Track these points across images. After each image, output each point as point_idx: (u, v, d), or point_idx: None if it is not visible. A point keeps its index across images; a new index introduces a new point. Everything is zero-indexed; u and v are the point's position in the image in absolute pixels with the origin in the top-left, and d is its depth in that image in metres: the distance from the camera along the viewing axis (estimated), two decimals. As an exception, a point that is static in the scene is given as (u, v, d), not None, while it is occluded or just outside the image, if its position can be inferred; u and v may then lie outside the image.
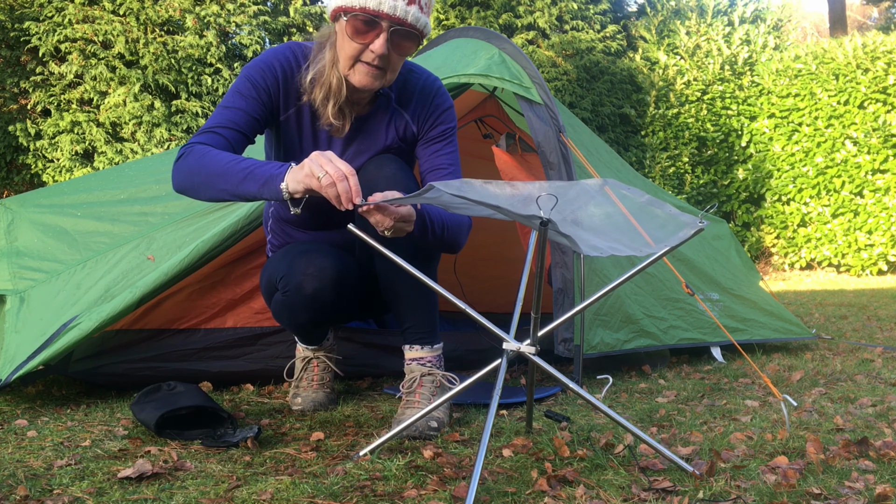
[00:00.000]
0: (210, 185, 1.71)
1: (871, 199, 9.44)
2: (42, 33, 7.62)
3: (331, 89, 1.86)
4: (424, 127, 2.00)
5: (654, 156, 10.41)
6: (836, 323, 4.63)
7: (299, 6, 8.91)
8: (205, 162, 1.72)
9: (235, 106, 1.84)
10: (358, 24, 1.77)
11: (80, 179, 3.47)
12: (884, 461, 1.63)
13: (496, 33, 3.00)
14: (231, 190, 1.69)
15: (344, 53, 1.82)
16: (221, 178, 1.69)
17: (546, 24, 10.15)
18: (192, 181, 1.74)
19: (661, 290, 2.97)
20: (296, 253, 1.98)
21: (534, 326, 1.60)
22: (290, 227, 2.11)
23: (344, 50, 1.82)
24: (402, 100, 1.99)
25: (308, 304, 1.95)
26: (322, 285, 1.92)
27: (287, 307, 1.99)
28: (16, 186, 7.66)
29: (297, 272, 1.92)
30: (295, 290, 1.93)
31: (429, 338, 2.02)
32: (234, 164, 1.69)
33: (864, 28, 22.90)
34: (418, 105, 1.99)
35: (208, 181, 1.71)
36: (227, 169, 1.69)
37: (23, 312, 2.36)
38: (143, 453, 1.71)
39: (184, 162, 1.75)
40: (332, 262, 1.94)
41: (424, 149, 2.00)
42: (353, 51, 1.80)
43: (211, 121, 1.83)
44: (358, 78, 1.83)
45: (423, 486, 1.48)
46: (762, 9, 11.44)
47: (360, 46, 1.79)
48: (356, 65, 1.82)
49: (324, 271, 1.92)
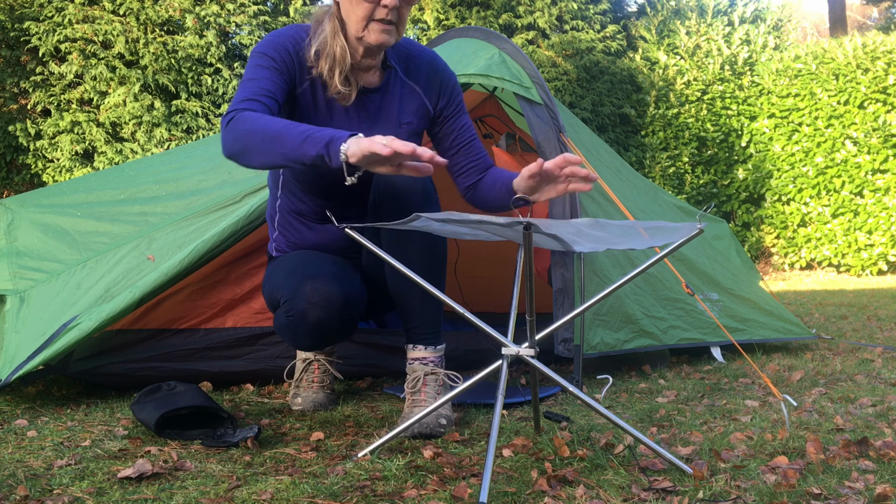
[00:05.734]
0: (265, 147, 1.67)
1: (871, 199, 9.44)
2: (42, 33, 7.62)
3: (335, 59, 1.88)
4: (440, 103, 2.05)
5: (654, 156, 10.41)
6: (836, 323, 4.63)
7: (299, 6, 8.91)
8: (259, 124, 1.68)
9: (261, 77, 1.83)
10: None
11: (80, 179, 3.47)
12: (884, 461, 1.63)
13: (496, 33, 3.00)
14: (288, 153, 1.64)
15: (355, 16, 1.84)
16: (278, 141, 1.64)
17: (546, 24, 10.14)
18: (244, 144, 1.70)
19: (660, 290, 2.97)
20: (301, 275, 1.92)
21: (530, 330, 1.61)
22: (299, 221, 2.08)
23: (355, 13, 1.84)
24: (411, 72, 2.02)
25: (312, 332, 1.91)
26: (328, 315, 1.87)
27: (290, 330, 1.95)
28: (16, 186, 7.65)
29: (301, 298, 1.87)
30: (299, 318, 1.88)
31: (433, 338, 2.01)
32: (292, 128, 1.65)
33: (864, 28, 22.89)
34: (431, 81, 2.04)
35: (264, 144, 1.66)
36: (283, 131, 1.65)
37: (23, 312, 2.36)
38: (143, 453, 1.71)
39: (235, 126, 1.71)
40: (339, 289, 1.89)
41: (451, 124, 2.06)
42: (365, 11, 1.83)
43: (241, 94, 1.79)
44: (374, 37, 1.85)
45: (423, 486, 1.48)
46: (762, 9, 11.43)
47: (372, 5, 1.82)
48: (370, 24, 1.84)
49: (330, 302, 1.87)
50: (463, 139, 2.07)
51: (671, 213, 3.46)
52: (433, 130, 2.09)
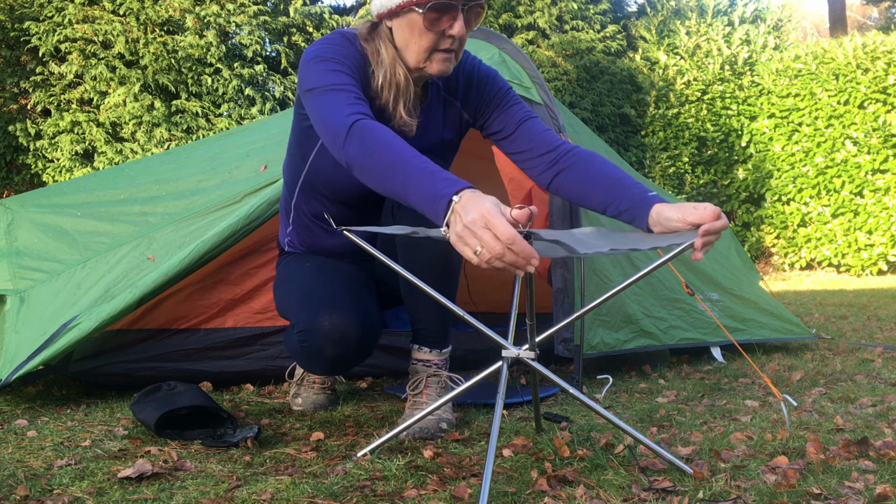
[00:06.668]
0: (385, 170, 1.49)
1: (871, 199, 9.44)
2: (42, 33, 7.62)
3: (399, 89, 1.77)
4: (481, 107, 1.92)
5: (654, 156, 10.41)
6: (836, 323, 4.63)
7: (299, 6, 8.91)
8: (389, 143, 1.50)
9: (345, 83, 1.65)
10: (433, 15, 1.67)
11: (80, 179, 3.47)
12: (884, 461, 1.63)
13: (496, 33, 3.00)
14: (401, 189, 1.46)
15: (417, 47, 1.71)
16: (401, 169, 1.46)
17: (546, 24, 10.15)
18: (372, 161, 1.51)
19: (661, 290, 2.97)
20: (317, 304, 1.84)
21: (531, 333, 1.61)
22: (317, 224, 2.02)
23: (418, 44, 1.71)
24: (450, 88, 1.92)
25: (327, 364, 1.88)
26: (344, 351, 1.82)
27: (304, 358, 1.90)
28: (16, 186, 7.66)
29: (317, 333, 1.80)
30: (315, 352, 1.84)
31: (440, 342, 1.99)
32: (411, 156, 1.47)
33: (864, 28, 22.89)
34: (465, 90, 1.92)
35: (387, 165, 1.49)
36: (407, 161, 1.46)
37: (23, 312, 2.36)
38: (143, 453, 1.71)
39: (366, 134, 1.53)
40: (356, 323, 1.81)
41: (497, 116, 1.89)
42: (430, 42, 1.71)
43: (340, 102, 1.61)
44: (437, 67, 1.74)
45: (423, 486, 1.48)
46: (762, 9, 11.44)
47: (437, 36, 1.70)
48: (433, 55, 1.73)
49: (347, 338, 1.80)
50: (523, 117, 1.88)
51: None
52: (484, 133, 1.97)
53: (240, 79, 8.18)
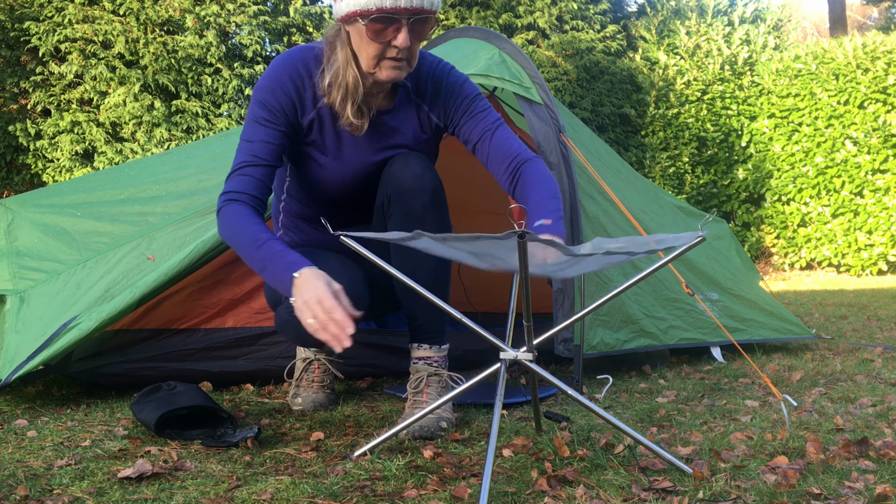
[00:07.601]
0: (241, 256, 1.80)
1: (871, 199, 9.44)
2: (42, 33, 7.62)
3: (348, 89, 1.85)
4: (449, 112, 1.99)
5: (654, 156, 10.41)
6: (836, 323, 4.63)
7: (299, 6, 8.91)
8: (233, 233, 1.78)
9: (256, 139, 1.85)
10: (377, 26, 1.75)
11: (80, 179, 3.47)
12: (884, 461, 1.63)
13: (496, 33, 3.00)
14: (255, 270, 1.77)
15: (366, 55, 1.80)
16: (245, 258, 1.77)
17: (546, 24, 10.14)
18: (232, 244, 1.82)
19: (660, 290, 2.97)
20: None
21: (528, 335, 1.61)
22: (306, 223, 2.08)
23: (366, 51, 1.80)
24: (419, 90, 1.99)
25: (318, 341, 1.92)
26: None
27: (292, 327, 1.89)
28: (16, 186, 7.65)
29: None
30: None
31: (437, 337, 2.01)
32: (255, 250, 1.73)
33: (864, 28, 22.89)
34: (433, 95, 1.99)
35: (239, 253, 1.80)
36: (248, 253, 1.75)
37: (23, 312, 2.36)
38: (143, 453, 1.71)
39: (221, 221, 1.81)
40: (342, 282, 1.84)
41: (465, 123, 1.98)
42: (376, 51, 1.79)
43: (238, 159, 1.84)
44: (386, 73, 1.82)
45: (423, 486, 1.48)
46: (762, 9, 11.43)
47: (383, 46, 1.78)
48: (381, 62, 1.80)
49: None
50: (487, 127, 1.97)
51: (671, 213, 3.46)
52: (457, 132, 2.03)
53: (240, 79, 8.18)
